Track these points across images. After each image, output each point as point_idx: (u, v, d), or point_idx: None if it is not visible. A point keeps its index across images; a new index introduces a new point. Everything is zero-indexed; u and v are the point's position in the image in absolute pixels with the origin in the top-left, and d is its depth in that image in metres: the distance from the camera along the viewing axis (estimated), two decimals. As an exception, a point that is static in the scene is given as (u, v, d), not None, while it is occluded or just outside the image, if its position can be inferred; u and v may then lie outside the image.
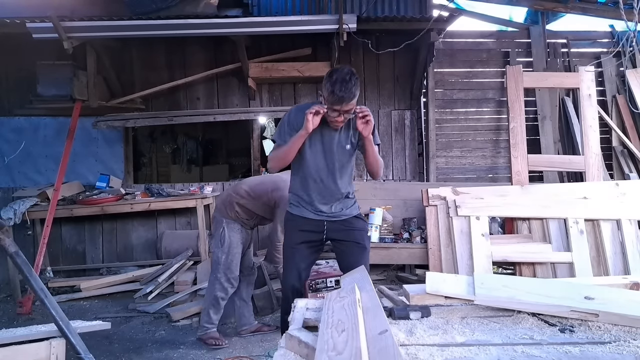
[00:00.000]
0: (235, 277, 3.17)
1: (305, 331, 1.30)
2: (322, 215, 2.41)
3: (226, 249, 3.11)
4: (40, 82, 4.63)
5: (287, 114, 2.40)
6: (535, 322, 1.33)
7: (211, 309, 3.16)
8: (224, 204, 3.20)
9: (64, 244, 5.17)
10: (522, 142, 3.65)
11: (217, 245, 3.15)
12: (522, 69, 3.80)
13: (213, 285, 3.17)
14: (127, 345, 3.34)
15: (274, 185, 3.14)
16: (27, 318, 3.88)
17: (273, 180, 3.19)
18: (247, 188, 3.18)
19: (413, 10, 5.43)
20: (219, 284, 3.13)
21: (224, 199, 3.23)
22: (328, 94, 2.14)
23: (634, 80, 5.32)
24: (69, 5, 4.99)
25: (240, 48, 4.79)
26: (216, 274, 3.14)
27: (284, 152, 2.30)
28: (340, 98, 2.12)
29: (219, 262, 3.12)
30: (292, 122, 2.32)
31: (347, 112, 2.19)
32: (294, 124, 2.30)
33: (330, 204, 2.41)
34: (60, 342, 1.99)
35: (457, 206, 3.21)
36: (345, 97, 2.12)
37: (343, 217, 2.44)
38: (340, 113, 2.18)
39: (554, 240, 3.19)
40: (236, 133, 7.71)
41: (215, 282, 3.14)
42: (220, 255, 3.12)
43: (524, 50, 5.65)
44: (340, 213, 2.44)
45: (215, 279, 3.15)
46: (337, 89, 2.11)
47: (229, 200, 3.16)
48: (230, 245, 3.12)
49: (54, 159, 4.94)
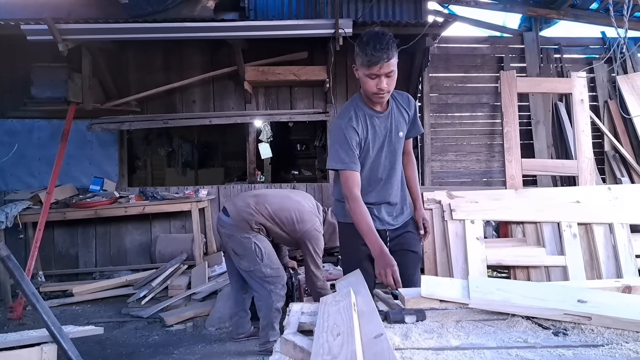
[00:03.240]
0: (285, 280, 3.15)
1: (300, 335, 1.30)
2: (385, 224, 2.10)
3: (267, 261, 3.01)
4: (35, 84, 4.61)
5: (337, 134, 2.00)
6: (529, 326, 1.33)
7: (275, 321, 3.08)
8: (245, 220, 3.01)
9: (57, 248, 5.13)
10: (516, 147, 3.67)
11: (255, 263, 3.00)
12: (516, 74, 3.83)
13: (269, 298, 3.05)
14: (120, 350, 3.31)
15: (299, 215, 3.04)
16: (18, 323, 3.83)
17: (297, 208, 3.06)
18: (271, 210, 3.03)
19: (408, 15, 5.47)
20: (275, 295, 3.05)
21: (245, 216, 3.01)
22: (362, 57, 1.84)
23: (625, 85, 5.38)
24: (64, 7, 4.98)
25: (236, 51, 4.80)
26: (269, 287, 3.04)
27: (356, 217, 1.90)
28: (378, 57, 1.80)
29: (266, 274, 3.02)
30: (350, 139, 1.96)
31: (389, 76, 1.87)
32: (351, 138, 1.96)
33: (392, 208, 2.11)
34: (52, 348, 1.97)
35: (452, 210, 3.22)
36: (383, 56, 1.80)
37: (403, 222, 2.16)
38: (379, 77, 1.86)
39: (548, 243, 3.20)
40: (232, 136, 7.70)
41: (272, 294, 3.04)
42: (264, 269, 3.01)
43: (518, 55, 5.70)
44: (401, 218, 2.15)
45: (270, 292, 3.04)
46: (371, 49, 1.80)
47: (253, 218, 3.00)
48: (269, 255, 3.03)
49: (48, 162, 4.91)
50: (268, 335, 3.08)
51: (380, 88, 1.88)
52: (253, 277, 3.06)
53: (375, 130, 2.02)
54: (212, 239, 5.13)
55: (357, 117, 2.01)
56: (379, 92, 1.90)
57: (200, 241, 4.73)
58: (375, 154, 2.05)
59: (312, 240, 3.05)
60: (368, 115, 2.02)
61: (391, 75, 1.88)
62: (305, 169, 8.26)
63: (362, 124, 2.00)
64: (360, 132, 1.99)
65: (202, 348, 3.30)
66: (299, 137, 8.38)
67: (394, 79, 1.91)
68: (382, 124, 2.04)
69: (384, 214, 2.10)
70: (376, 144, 2.04)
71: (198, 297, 4.12)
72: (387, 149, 2.07)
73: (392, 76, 1.89)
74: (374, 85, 1.89)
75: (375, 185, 2.08)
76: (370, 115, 2.02)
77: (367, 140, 2.01)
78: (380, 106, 2.05)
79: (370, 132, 2.01)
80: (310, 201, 3.22)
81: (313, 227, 3.06)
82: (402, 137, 2.10)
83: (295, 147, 8.54)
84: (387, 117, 2.06)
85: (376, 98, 1.96)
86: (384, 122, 2.05)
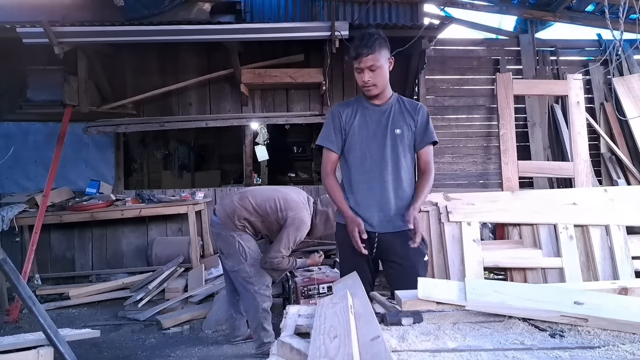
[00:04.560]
0: (270, 281, 3.09)
1: (297, 338, 1.30)
2: (371, 226, 2.08)
3: (251, 261, 2.99)
4: (31, 87, 4.59)
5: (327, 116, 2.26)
6: (526, 327, 1.34)
7: (264, 322, 3.05)
8: (229, 217, 2.99)
9: (53, 251, 5.10)
10: (513, 149, 3.69)
11: (239, 262, 2.98)
12: (512, 76, 3.84)
13: (254, 300, 3.02)
14: (117, 353, 3.29)
15: (284, 204, 2.96)
16: (15, 326, 3.82)
17: (284, 197, 3.00)
18: (254, 202, 2.98)
19: (405, 18, 5.49)
20: (260, 296, 3.02)
21: (229, 212, 3.00)
22: (350, 53, 2.07)
23: (621, 87, 5.41)
24: (60, 10, 4.97)
25: (232, 54, 4.80)
26: (252, 288, 3.01)
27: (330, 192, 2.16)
28: (358, 53, 2.02)
29: (250, 275, 2.99)
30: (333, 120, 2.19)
31: (371, 70, 2.04)
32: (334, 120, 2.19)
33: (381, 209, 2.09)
34: (48, 351, 1.96)
35: (449, 212, 3.22)
36: (363, 52, 2.01)
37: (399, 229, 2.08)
38: (362, 71, 2.04)
39: (545, 245, 3.21)
40: (228, 139, 7.69)
41: (256, 295, 3.02)
42: (249, 270, 2.99)
43: (514, 58, 5.73)
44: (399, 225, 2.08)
45: (254, 293, 3.02)
46: (354, 45, 2.05)
47: (235, 213, 2.98)
48: (253, 256, 3.00)
49: (44, 165, 4.89)
50: (261, 338, 3.07)
51: (363, 81, 2.07)
52: (238, 278, 3.04)
53: (365, 119, 2.16)
54: (208, 242, 5.12)
55: (349, 105, 2.22)
56: (364, 85, 2.09)
57: (196, 244, 4.72)
58: (361, 141, 2.14)
59: (293, 227, 2.90)
60: (362, 106, 2.18)
61: (375, 70, 2.05)
62: (301, 172, 8.26)
63: (351, 111, 2.18)
64: (345, 117, 2.17)
65: (199, 351, 3.29)
66: (296, 139, 8.39)
67: (380, 74, 2.07)
68: (375, 115, 2.16)
69: (374, 215, 2.09)
70: (363, 131, 2.15)
71: (195, 299, 4.11)
72: (378, 141, 2.12)
73: (376, 71, 2.06)
74: (359, 78, 2.09)
75: (365, 176, 2.12)
76: (365, 106, 2.18)
77: (352, 125, 2.16)
78: (379, 100, 2.17)
79: (358, 119, 2.16)
80: (300, 194, 3.12)
81: (298, 215, 2.94)
82: (399, 134, 2.13)
83: (291, 149, 8.54)
84: (384, 112, 2.16)
85: (365, 90, 2.14)
86: (377, 114, 2.16)
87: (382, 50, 2.05)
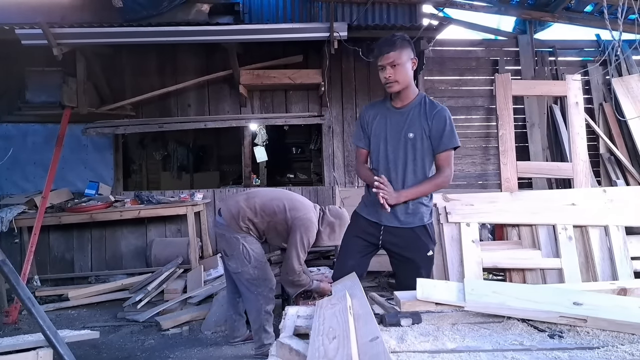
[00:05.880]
0: (274, 283, 3.08)
1: (296, 339, 1.30)
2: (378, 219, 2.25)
3: (255, 263, 2.96)
4: (29, 88, 4.59)
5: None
6: (525, 328, 1.34)
7: (266, 324, 3.04)
8: (234, 218, 2.95)
9: (52, 252, 5.10)
10: (511, 149, 3.69)
11: (243, 264, 2.94)
12: (511, 77, 3.85)
13: (257, 302, 3.00)
14: (116, 354, 3.29)
15: (292, 204, 2.94)
16: (14, 327, 3.81)
17: (291, 198, 3.00)
18: (260, 203, 2.95)
19: (403, 19, 5.50)
20: (263, 298, 3.00)
21: (234, 212, 2.96)
22: (374, 53, 2.20)
23: (620, 88, 5.42)
24: (59, 11, 4.96)
25: (231, 55, 4.80)
26: (256, 289, 2.99)
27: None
28: (379, 51, 2.14)
29: (254, 277, 2.97)
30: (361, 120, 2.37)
31: (393, 66, 2.13)
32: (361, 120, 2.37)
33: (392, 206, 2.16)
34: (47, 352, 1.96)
35: (448, 213, 3.23)
36: (384, 49, 2.12)
37: (405, 226, 2.22)
38: (384, 68, 2.15)
39: (544, 246, 3.21)
40: (227, 140, 7.69)
41: (260, 297, 3.00)
42: (253, 272, 2.96)
43: (513, 58, 5.73)
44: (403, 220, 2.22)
45: (257, 295, 2.99)
46: (378, 44, 2.17)
47: (240, 214, 2.94)
48: (257, 258, 2.97)
49: (43, 166, 4.88)
50: (262, 339, 3.06)
51: (385, 77, 2.15)
52: (241, 280, 3.02)
53: (385, 121, 2.25)
54: (207, 243, 5.12)
55: (374, 106, 2.36)
56: (386, 82, 2.17)
57: (195, 245, 4.71)
58: (379, 143, 2.26)
59: (302, 228, 2.86)
60: (385, 107, 2.28)
61: (396, 66, 2.12)
62: (300, 173, 8.26)
63: (374, 112, 2.30)
64: (368, 117, 2.31)
65: (198, 352, 3.29)
66: (295, 140, 8.40)
67: (402, 71, 2.14)
68: (394, 118, 2.24)
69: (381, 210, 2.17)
70: (381, 133, 2.25)
71: (194, 300, 4.10)
72: (391, 143, 2.22)
73: (397, 67, 2.13)
74: (382, 75, 2.17)
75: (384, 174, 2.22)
76: (387, 108, 2.28)
77: (373, 127, 2.28)
78: (401, 102, 2.24)
79: (378, 120, 2.26)
80: (306, 199, 3.13)
81: (306, 216, 2.90)
82: (411, 138, 2.19)
83: (290, 150, 8.54)
84: (402, 115, 2.23)
85: (387, 87, 2.20)
86: (396, 117, 2.24)
87: (404, 49, 2.14)
